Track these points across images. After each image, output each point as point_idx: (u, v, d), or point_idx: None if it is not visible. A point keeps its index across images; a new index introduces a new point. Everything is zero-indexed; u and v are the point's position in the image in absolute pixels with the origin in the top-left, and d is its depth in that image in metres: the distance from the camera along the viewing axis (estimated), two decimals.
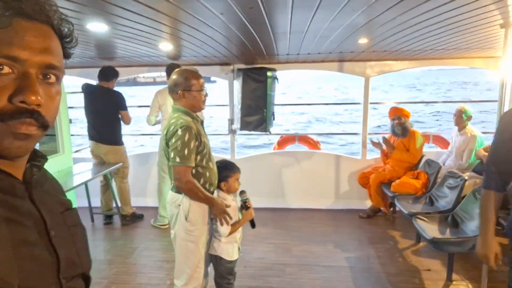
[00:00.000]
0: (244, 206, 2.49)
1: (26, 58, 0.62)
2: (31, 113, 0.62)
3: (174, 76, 2.29)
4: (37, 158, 0.74)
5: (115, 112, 4.43)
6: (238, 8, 1.79)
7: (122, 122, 4.50)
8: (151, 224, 4.54)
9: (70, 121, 4.54)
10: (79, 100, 4.65)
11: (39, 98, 0.62)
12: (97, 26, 2.25)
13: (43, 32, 0.65)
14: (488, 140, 4.50)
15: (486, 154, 4.01)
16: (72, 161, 4.46)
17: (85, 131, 4.62)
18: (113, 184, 4.55)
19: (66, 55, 0.73)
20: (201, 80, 2.29)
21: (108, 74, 4.36)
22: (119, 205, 4.57)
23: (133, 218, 4.59)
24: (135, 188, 4.86)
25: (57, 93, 0.69)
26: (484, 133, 4.59)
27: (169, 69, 4.26)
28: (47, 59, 0.65)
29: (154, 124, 4.35)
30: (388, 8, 1.99)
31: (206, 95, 2.32)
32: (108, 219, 4.68)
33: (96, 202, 4.67)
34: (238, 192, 2.53)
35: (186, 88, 2.25)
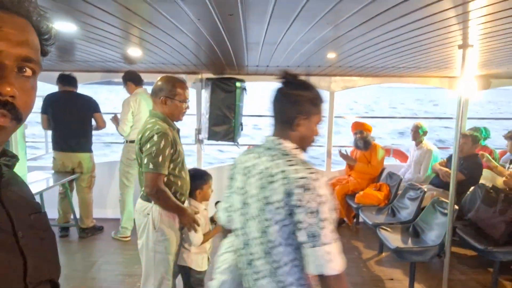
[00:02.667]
0: None
1: (2, 49, 0.60)
2: (4, 104, 0.60)
3: (160, 82, 2.25)
4: (7, 158, 0.70)
5: (89, 117, 4.24)
6: (217, 14, 1.79)
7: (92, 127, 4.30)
8: (112, 236, 4.33)
9: (26, 125, 4.26)
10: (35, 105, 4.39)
11: (13, 89, 0.60)
12: (65, 26, 2.15)
13: (22, 26, 0.64)
14: (444, 155, 4.78)
15: (442, 168, 4.25)
16: (27, 169, 4.17)
17: (39, 138, 4.36)
18: (72, 194, 4.32)
19: (43, 52, 0.71)
20: (187, 91, 2.27)
21: (72, 80, 4.19)
22: (78, 216, 4.33)
23: (92, 231, 4.35)
24: (95, 198, 4.62)
25: (32, 88, 0.67)
26: (439, 148, 4.86)
27: (126, 76, 4.17)
28: (24, 52, 0.63)
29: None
30: (359, 24, 2.07)
31: (187, 107, 2.30)
32: (64, 231, 4.41)
33: (52, 213, 4.39)
34: (214, 203, 2.48)
35: (170, 96, 2.21)
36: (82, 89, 4.40)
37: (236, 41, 2.60)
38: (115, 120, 4.25)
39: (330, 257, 1.15)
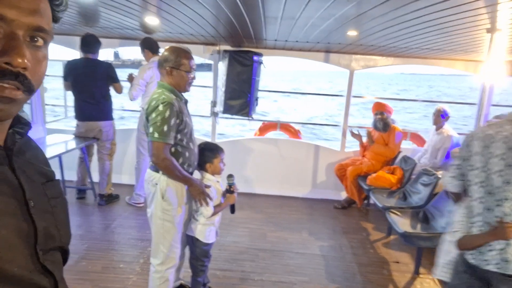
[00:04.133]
0: (229, 190, 2.49)
1: (13, 18, 0.58)
2: (16, 75, 0.59)
3: (165, 52, 2.25)
4: (20, 125, 0.70)
5: (108, 85, 4.24)
6: None
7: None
8: (126, 201, 4.47)
9: (45, 89, 4.34)
10: (55, 69, 4.41)
11: (25, 61, 0.59)
12: None
13: None
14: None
15: None
16: (45, 132, 4.27)
17: (58, 102, 4.38)
18: (91, 159, 4.43)
19: (55, 19, 0.69)
20: (192, 62, 2.25)
21: (93, 43, 4.09)
22: (95, 181, 4.45)
23: (109, 198, 4.47)
24: None
25: (44, 58, 0.65)
26: (460, 134, 4.73)
27: (144, 44, 4.14)
28: (36, 21, 0.61)
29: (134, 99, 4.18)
30: (382, 2, 1.99)
31: (193, 77, 2.29)
32: (81, 193, 4.57)
33: (71, 175, 4.54)
34: (226, 175, 2.51)
35: (175, 66, 2.21)
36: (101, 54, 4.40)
37: (254, 15, 2.55)
38: (131, 79, 4.25)
39: None
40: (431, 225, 3.26)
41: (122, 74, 4.42)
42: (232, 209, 2.55)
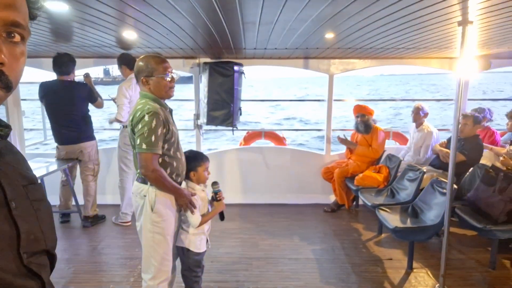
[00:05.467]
0: (215, 197, 2.45)
1: None
2: None
3: (136, 64, 2.22)
4: (0, 127, 0.68)
5: (85, 106, 4.14)
6: None
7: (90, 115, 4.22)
8: (112, 221, 4.36)
9: (23, 113, 4.23)
10: (30, 92, 4.30)
11: (2, 56, 0.58)
12: (56, 6, 2.11)
13: None
14: (445, 137, 4.76)
15: (442, 149, 4.24)
16: (25, 156, 4.15)
17: (36, 126, 4.27)
18: (74, 182, 4.32)
19: (32, 16, 0.68)
20: (165, 64, 2.19)
21: (66, 64, 3.96)
22: (82, 204, 4.32)
23: (95, 219, 4.35)
24: None
25: (22, 54, 0.64)
26: (440, 129, 4.84)
27: (121, 60, 4.09)
28: (11, 16, 0.60)
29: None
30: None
31: (172, 80, 2.22)
32: (65, 217, 4.43)
33: (54, 200, 4.41)
34: (210, 183, 2.48)
35: (148, 74, 2.18)
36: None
37: (232, 21, 2.56)
38: (88, 80, 4.20)
39: None
40: (420, 219, 3.29)
41: (113, 91, 4.35)
42: (221, 216, 2.51)
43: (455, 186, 2.98)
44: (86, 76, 4.24)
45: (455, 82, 2.79)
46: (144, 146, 2.07)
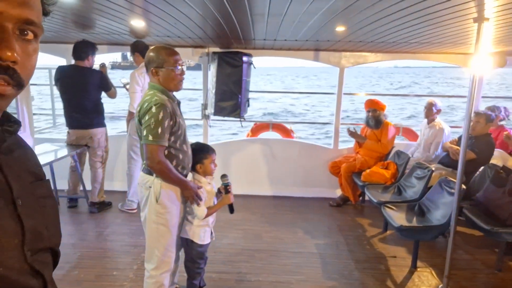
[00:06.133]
0: (225, 190, 2.45)
1: (2, 11, 0.56)
2: (6, 69, 0.58)
3: (147, 54, 2.20)
4: (9, 123, 0.68)
5: (98, 93, 4.16)
6: None
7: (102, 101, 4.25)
8: (118, 208, 4.40)
9: (32, 98, 4.27)
10: (40, 76, 4.32)
11: (15, 54, 0.57)
12: None
13: None
14: (455, 134, 4.67)
15: (452, 146, 4.16)
16: (33, 141, 4.19)
17: (46, 111, 4.31)
18: (83, 168, 4.36)
19: (45, 12, 0.67)
20: (176, 57, 2.17)
21: (82, 50, 4.00)
22: (88, 189, 4.38)
23: (102, 206, 4.40)
24: None
25: (34, 51, 0.64)
26: (451, 127, 4.75)
27: (135, 47, 4.07)
28: (25, 13, 0.59)
29: None
30: None
31: (182, 73, 2.21)
32: (73, 202, 4.50)
33: (62, 184, 4.47)
34: (220, 175, 2.48)
35: (158, 65, 2.16)
36: None
37: (241, 13, 2.52)
38: (103, 69, 4.23)
39: None
40: (426, 218, 3.25)
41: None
42: (231, 209, 2.51)
43: (463, 186, 2.92)
44: (102, 66, 4.27)
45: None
46: (150, 137, 2.06)
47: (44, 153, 3.99)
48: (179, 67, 2.18)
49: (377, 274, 3.14)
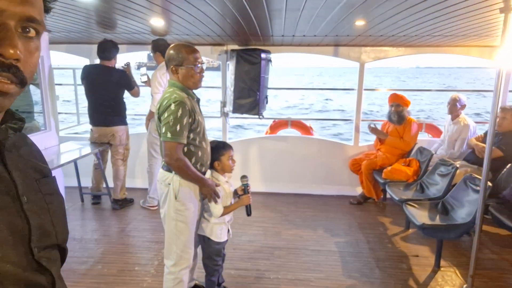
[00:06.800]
0: (244, 190, 2.45)
1: (4, 8, 0.56)
2: (9, 67, 0.57)
3: (168, 52, 2.22)
4: (14, 120, 0.68)
5: (121, 92, 4.26)
6: None
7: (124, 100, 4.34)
8: (140, 205, 4.49)
9: (58, 97, 4.40)
10: (64, 77, 4.44)
11: (17, 52, 0.57)
12: None
13: None
14: (481, 130, 4.52)
15: (478, 143, 4.02)
16: (58, 139, 4.32)
17: (70, 110, 4.43)
18: (106, 165, 4.46)
19: (46, 9, 0.67)
20: (195, 55, 2.18)
21: (109, 50, 4.11)
22: (110, 186, 4.48)
23: (124, 202, 4.50)
24: None
25: (36, 49, 0.64)
26: (477, 122, 4.59)
27: (155, 47, 4.11)
28: (27, 11, 0.59)
29: None
30: None
31: (201, 71, 2.22)
32: (97, 199, 4.61)
33: (86, 182, 4.59)
34: (238, 175, 2.48)
35: (178, 63, 2.17)
36: None
37: (257, 7, 2.51)
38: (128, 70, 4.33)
39: None
40: (450, 216, 3.16)
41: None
42: (249, 211, 2.47)
43: (489, 183, 2.82)
44: (127, 65, 4.36)
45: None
46: (169, 135, 2.08)
47: (69, 151, 4.11)
48: (199, 65, 2.20)
49: (399, 273, 3.08)
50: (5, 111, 0.66)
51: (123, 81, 4.23)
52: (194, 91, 2.29)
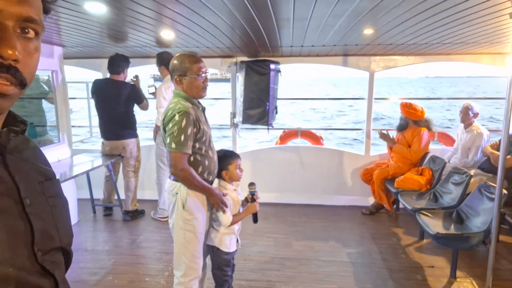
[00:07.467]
0: (251, 198, 2.44)
1: (1, 8, 0.56)
2: (7, 68, 0.57)
3: (172, 62, 2.24)
4: (16, 123, 0.68)
5: (131, 106, 4.31)
6: None
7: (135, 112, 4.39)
8: (151, 216, 4.50)
9: (71, 110, 4.48)
10: (77, 91, 4.53)
11: (16, 53, 0.57)
12: (95, 7, 2.20)
13: None
14: (494, 138, 4.43)
15: (493, 151, 3.94)
16: (71, 152, 4.39)
17: (83, 123, 4.49)
18: (117, 177, 4.50)
19: (46, 10, 0.67)
20: (199, 64, 2.19)
21: (118, 64, 4.17)
22: (122, 198, 4.50)
23: (135, 214, 4.52)
24: None
25: (36, 50, 0.63)
26: (490, 130, 4.51)
27: (160, 60, 4.15)
28: (25, 11, 0.59)
29: None
30: None
31: (205, 80, 2.24)
32: (108, 210, 4.64)
33: (98, 194, 4.63)
34: (247, 184, 2.47)
35: (182, 73, 2.19)
36: None
37: (266, 17, 2.53)
38: (137, 83, 4.39)
39: None
40: (465, 225, 3.08)
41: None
42: (255, 218, 2.47)
43: (505, 191, 2.75)
44: (136, 78, 4.42)
45: None
46: (173, 145, 2.09)
47: (82, 163, 4.17)
48: (203, 75, 2.21)
49: (414, 285, 3.00)
50: (7, 114, 0.66)
51: (132, 95, 4.28)
52: (200, 100, 2.31)
